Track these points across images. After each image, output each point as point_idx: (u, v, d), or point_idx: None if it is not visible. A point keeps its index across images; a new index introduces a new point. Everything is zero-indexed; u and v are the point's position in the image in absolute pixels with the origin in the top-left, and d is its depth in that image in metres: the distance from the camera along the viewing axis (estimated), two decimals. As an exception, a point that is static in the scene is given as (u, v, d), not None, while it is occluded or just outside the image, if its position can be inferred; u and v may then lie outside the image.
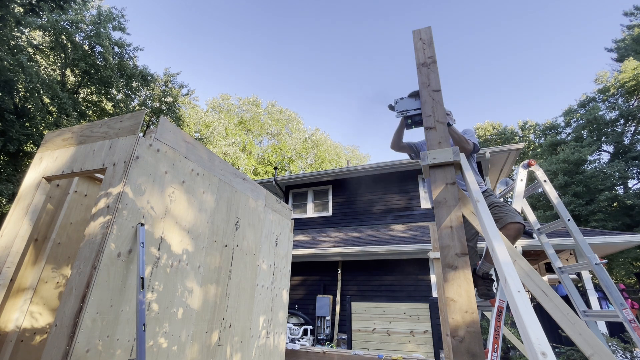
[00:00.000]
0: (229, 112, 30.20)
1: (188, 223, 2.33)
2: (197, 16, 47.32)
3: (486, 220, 1.47)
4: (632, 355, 4.26)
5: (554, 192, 2.36)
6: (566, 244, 6.57)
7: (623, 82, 17.98)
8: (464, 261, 1.56)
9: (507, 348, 6.36)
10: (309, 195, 11.54)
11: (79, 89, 15.48)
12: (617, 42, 19.99)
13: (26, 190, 2.32)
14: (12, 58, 9.93)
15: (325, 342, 7.52)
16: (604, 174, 16.59)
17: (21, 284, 2.40)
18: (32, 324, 2.41)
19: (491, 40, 49.56)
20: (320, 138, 31.67)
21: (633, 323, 1.91)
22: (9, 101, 9.94)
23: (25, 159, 12.18)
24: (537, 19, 42.36)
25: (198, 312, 2.33)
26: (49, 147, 2.44)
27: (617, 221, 15.60)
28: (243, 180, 3.14)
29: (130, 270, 1.84)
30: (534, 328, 0.93)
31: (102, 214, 1.81)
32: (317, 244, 8.58)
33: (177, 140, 2.34)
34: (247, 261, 3.02)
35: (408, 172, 10.14)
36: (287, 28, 51.45)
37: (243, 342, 2.85)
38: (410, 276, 7.82)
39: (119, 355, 1.74)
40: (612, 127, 18.91)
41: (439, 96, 2.03)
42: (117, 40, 15.56)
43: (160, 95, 18.67)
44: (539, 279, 1.52)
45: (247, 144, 28.77)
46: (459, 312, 1.47)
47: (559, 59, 44.57)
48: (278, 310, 3.58)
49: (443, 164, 1.82)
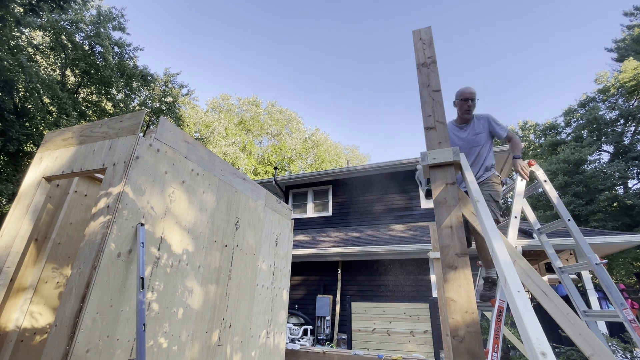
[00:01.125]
0: (229, 112, 30.20)
1: (188, 223, 2.34)
2: (197, 16, 47.35)
3: (486, 220, 1.47)
4: (632, 355, 4.26)
5: (554, 192, 2.36)
6: (566, 244, 6.56)
7: (623, 82, 17.98)
8: (464, 261, 1.56)
9: (507, 348, 6.36)
10: (309, 195, 11.54)
11: (79, 89, 15.48)
12: (617, 42, 19.99)
13: (26, 190, 2.32)
14: (12, 58, 9.93)
15: (325, 342, 7.52)
16: (604, 174, 16.59)
17: (21, 284, 2.40)
18: (32, 324, 2.41)
19: (491, 40, 49.58)
20: (320, 138, 31.67)
21: (633, 323, 1.91)
22: (9, 101, 9.94)
23: (25, 159, 12.18)
24: (537, 19, 42.38)
25: (198, 312, 2.33)
26: (49, 147, 2.44)
27: (617, 221, 15.60)
28: (243, 180, 3.14)
29: (130, 270, 1.84)
30: (534, 328, 0.93)
31: (102, 214, 1.81)
32: (317, 244, 8.58)
33: (177, 140, 2.34)
34: (247, 261, 3.02)
35: (408, 172, 10.14)
36: (287, 28, 51.48)
37: (243, 342, 2.85)
38: (410, 276, 7.82)
39: (119, 355, 1.74)
40: (612, 127, 18.91)
41: (439, 96, 2.03)
42: (117, 40, 15.56)
43: (160, 95, 18.67)
44: (539, 279, 1.52)
45: (247, 144, 28.77)
46: (459, 312, 1.47)
47: (559, 59, 44.60)
48: (278, 310, 3.58)
49: (443, 164, 1.82)
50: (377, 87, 58.22)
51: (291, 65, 53.65)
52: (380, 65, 55.49)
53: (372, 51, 53.67)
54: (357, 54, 54.04)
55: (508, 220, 2.32)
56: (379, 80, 57.19)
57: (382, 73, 56.35)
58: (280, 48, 52.20)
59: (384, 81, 57.42)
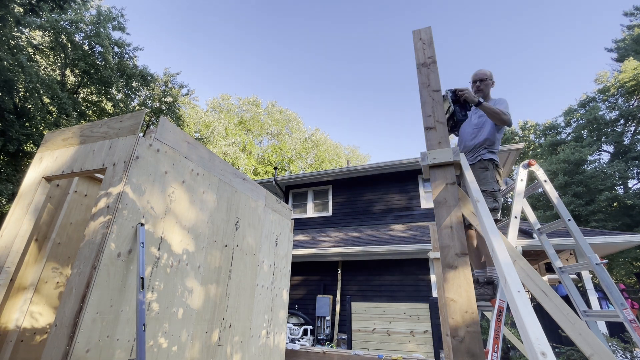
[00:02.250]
0: (229, 112, 30.20)
1: (188, 223, 2.34)
2: (197, 16, 47.34)
3: (486, 220, 1.47)
4: (632, 355, 4.26)
5: (554, 192, 2.36)
6: (566, 244, 6.57)
7: (623, 82, 17.98)
8: (464, 261, 1.56)
9: (507, 348, 6.36)
10: (309, 195, 11.54)
11: (78, 89, 15.48)
12: (617, 42, 19.99)
13: (26, 190, 2.32)
14: (12, 58, 9.92)
15: (325, 342, 7.52)
16: (604, 174, 16.59)
17: (21, 284, 2.40)
18: (32, 324, 2.41)
19: (491, 40, 49.59)
20: (320, 138, 31.67)
21: (633, 323, 1.91)
22: (9, 101, 9.94)
23: (25, 159, 12.18)
24: (537, 19, 42.39)
25: (198, 312, 2.33)
26: (49, 147, 2.44)
27: (617, 221, 15.60)
28: (243, 180, 3.14)
29: (130, 270, 1.84)
30: (534, 328, 0.93)
31: (102, 214, 1.81)
32: (317, 244, 8.58)
33: (177, 140, 2.34)
34: (247, 261, 3.02)
35: (408, 172, 10.14)
36: (287, 28, 51.48)
37: (243, 342, 2.85)
38: (410, 276, 7.82)
39: (119, 355, 1.74)
40: (612, 127, 18.91)
41: (439, 96, 2.03)
42: (117, 40, 15.55)
43: (160, 95, 18.67)
44: (539, 279, 1.52)
45: (247, 144, 28.78)
46: (459, 312, 1.47)
47: (559, 59, 44.60)
48: (278, 310, 3.58)
49: (443, 164, 1.82)
50: (378, 87, 58.23)
51: (291, 65, 53.68)
52: (381, 65, 55.52)
53: (373, 51, 53.70)
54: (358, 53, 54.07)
55: (508, 220, 2.32)
56: (379, 80, 57.20)
57: (382, 73, 56.38)
58: (281, 48, 52.23)
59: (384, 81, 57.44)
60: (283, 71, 53.86)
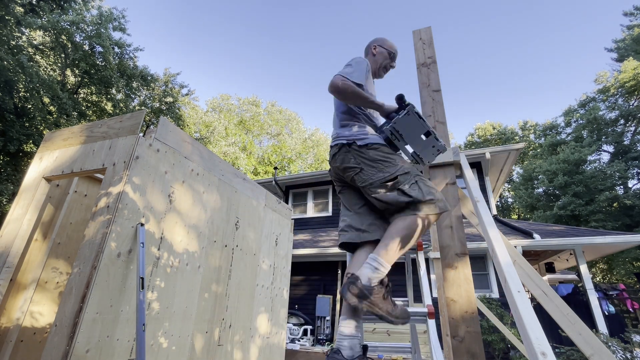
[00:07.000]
0: (229, 112, 30.19)
1: (188, 223, 2.34)
2: (197, 16, 47.35)
3: (486, 220, 1.47)
4: (632, 355, 4.26)
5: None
6: (566, 244, 6.57)
7: (623, 82, 17.97)
8: (464, 261, 1.56)
9: (507, 348, 6.36)
10: (309, 195, 11.54)
11: (79, 89, 15.48)
12: (617, 42, 19.98)
13: (26, 190, 2.32)
14: (12, 58, 9.92)
15: (325, 342, 7.51)
16: (604, 174, 16.59)
17: (21, 284, 2.40)
18: (32, 324, 2.41)
19: (491, 40, 49.57)
20: (320, 138, 31.66)
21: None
22: (9, 101, 9.94)
23: (25, 159, 12.18)
24: (537, 19, 42.40)
25: (198, 312, 2.33)
26: (49, 147, 2.44)
27: (617, 221, 15.59)
28: (243, 180, 3.14)
29: (130, 270, 1.84)
30: (534, 328, 0.93)
31: (102, 214, 1.81)
32: (317, 244, 8.58)
33: (177, 140, 2.34)
34: (247, 261, 3.02)
35: (408, 172, 10.12)
36: (287, 28, 51.47)
37: (243, 342, 2.85)
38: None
39: (119, 355, 1.74)
40: (612, 127, 18.90)
41: (439, 96, 2.03)
42: (118, 40, 15.55)
43: (160, 95, 18.67)
44: (539, 279, 1.52)
45: (247, 144, 28.77)
46: (459, 312, 1.47)
47: (559, 59, 44.61)
48: (278, 310, 3.58)
49: (443, 164, 1.82)
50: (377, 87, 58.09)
51: (291, 65, 53.68)
52: (380, 66, 55.35)
53: (372, 51, 53.56)
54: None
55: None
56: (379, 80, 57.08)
57: (382, 73, 56.25)
58: (281, 48, 52.23)
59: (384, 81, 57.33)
60: (283, 71, 53.88)
